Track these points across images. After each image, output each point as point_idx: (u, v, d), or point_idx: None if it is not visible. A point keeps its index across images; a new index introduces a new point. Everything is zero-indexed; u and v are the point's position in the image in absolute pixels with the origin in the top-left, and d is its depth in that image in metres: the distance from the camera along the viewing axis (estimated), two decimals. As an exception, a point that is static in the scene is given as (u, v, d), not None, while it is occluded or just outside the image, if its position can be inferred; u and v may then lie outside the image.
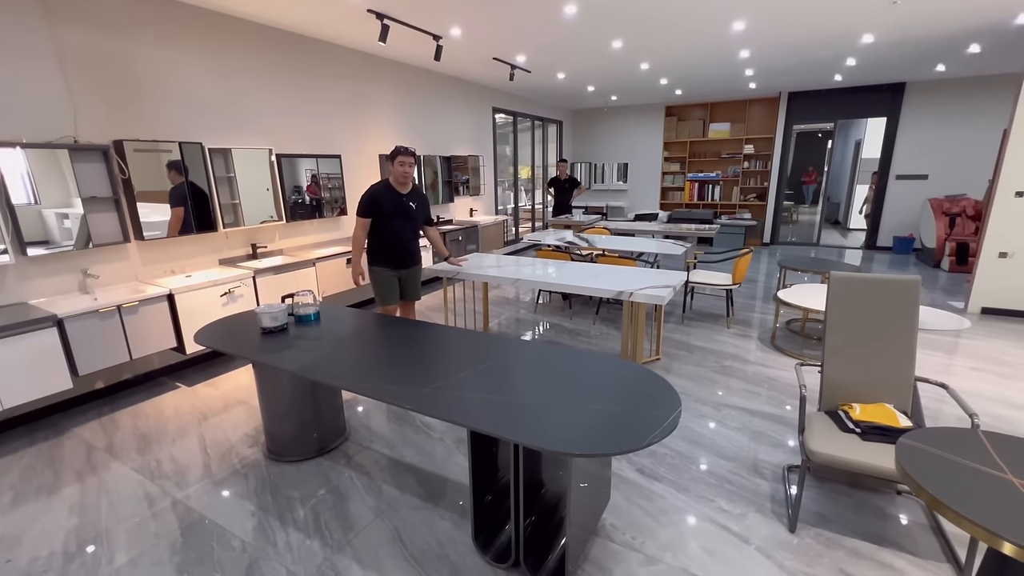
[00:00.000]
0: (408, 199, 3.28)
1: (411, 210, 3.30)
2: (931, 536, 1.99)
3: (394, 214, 3.24)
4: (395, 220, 3.26)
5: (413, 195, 3.32)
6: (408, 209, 3.28)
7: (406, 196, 3.27)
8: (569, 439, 1.50)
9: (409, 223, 3.33)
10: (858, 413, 2.08)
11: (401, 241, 3.34)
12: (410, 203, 3.29)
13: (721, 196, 9.42)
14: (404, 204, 3.26)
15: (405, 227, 3.32)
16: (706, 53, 5.53)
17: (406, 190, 3.28)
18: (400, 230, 3.30)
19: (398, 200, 3.24)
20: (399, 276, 3.44)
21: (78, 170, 3.08)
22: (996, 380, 3.40)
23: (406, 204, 3.26)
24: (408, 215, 3.29)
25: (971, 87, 7.25)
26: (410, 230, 3.37)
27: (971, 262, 6.40)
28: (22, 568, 1.91)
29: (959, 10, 4.13)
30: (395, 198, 3.24)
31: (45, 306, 2.90)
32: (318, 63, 4.72)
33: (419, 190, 3.41)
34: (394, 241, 3.32)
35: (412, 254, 3.46)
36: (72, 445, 2.79)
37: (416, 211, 3.34)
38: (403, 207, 3.26)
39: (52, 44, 2.98)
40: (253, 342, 2.42)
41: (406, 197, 3.27)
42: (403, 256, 3.40)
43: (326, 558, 1.94)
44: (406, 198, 3.27)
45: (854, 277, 2.26)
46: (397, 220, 3.26)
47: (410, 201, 3.29)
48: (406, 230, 3.33)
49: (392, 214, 3.24)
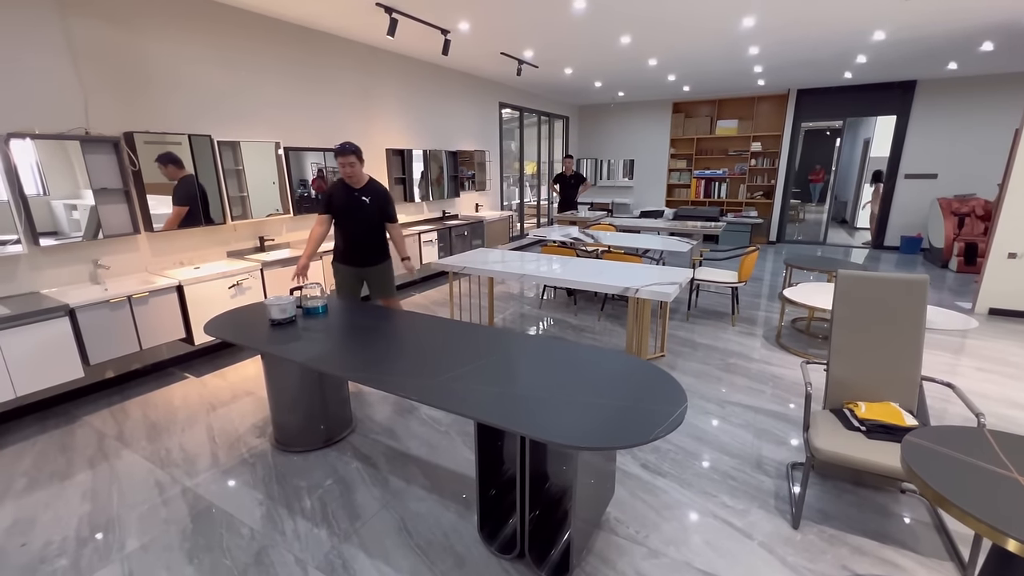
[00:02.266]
0: (361, 195, 3.19)
1: (364, 206, 3.19)
2: (935, 534, 2.00)
3: (345, 211, 3.19)
4: (346, 217, 3.21)
5: (368, 191, 3.21)
6: (360, 205, 3.18)
7: (359, 192, 3.18)
8: (575, 432, 1.51)
9: (361, 220, 3.22)
10: (863, 411, 2.09)
11: (353, 238, 3.27)
12: (363, 198, 3.19)
13: (727, 194, 9.38)
14: (356, 200, 3.18)
15: (356, 224, 3.23)
16: (715, 49, 5.49)
17: (359, 185, 3.19)
18: (351, 227, 3.24)
19: (350, 196, 3.18)
20: (362, 275, 3.37)
21: (89, 161, 3.10)
22: (1002, 381, 3.39)
23: (358, 200, 3.18)
24: (360, 211, 3.19)
25: (983, 86, 7.16)
26: (363, 227, 3.26)
27: (979, 263, 6.35)
28: (36, 552, 1.95)
29: (972, 8, 4.09)
30: (347, 194, 3.18)
31: (57, 296, 2.94)
32: (325, 57, 4.73)
33: (377, 186, 3.27)
34: (347, 238, 3.27)
35: (369, 251, 3.34)
36: (84, 433, 2.83)
37: (370, 207, 3.21)
38: (354, 204, 3.18)
39: (64, 36, 3.00)
40: (262, 333, 2.45)
41: (359, 193, 3.18)
42: (358, 253, 3.32)
43: (333, 546, 1.96)
44: (359, 194, 3.18)
45: (861, 275, 2.25)
46: (348, 217, 3.21)
47: (363, 196, 3.19)
48: (358, 227, 3.24)
49: (343, 211, 3.19)
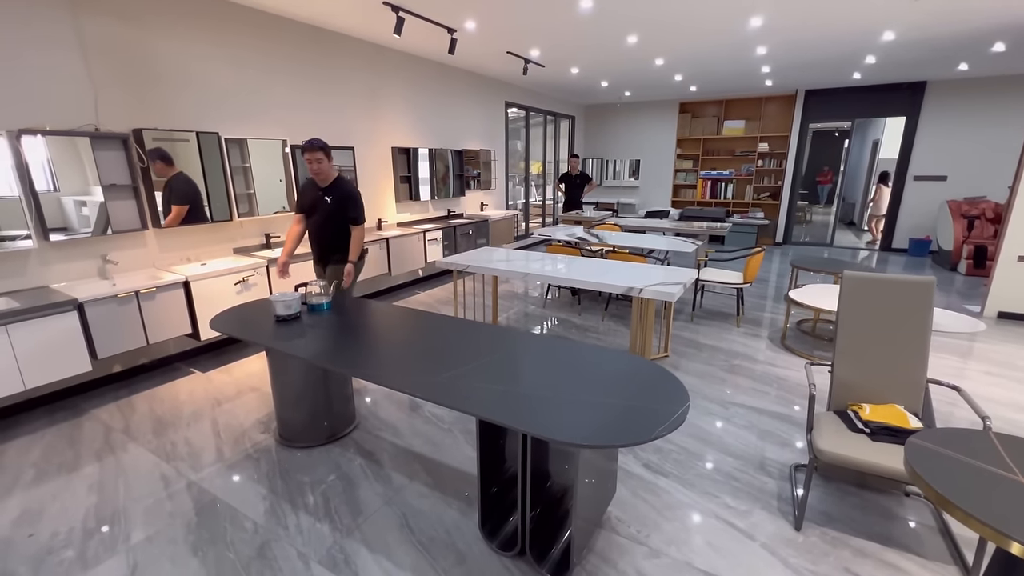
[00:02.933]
0: (324, 194, 3.17)
1: (324, 204, 3.17)
2: (938, 538, 1.99)
3: (310, 209, 3.23)
4: (309, 215, 3.25)
5: (332, 190, 3.18)
6: (322, 204, 3.17)
7: (323, 191, 3.17)
8: (577, 430, 1.51)
9: (322, 218, 3.21)
10: (868, 413, 2.07)
11: (314, 235, 3.32)
12: (324, 197, 3.16)
13: (734, 194, 9.33)
14: (319, 199, 3.17)
15: (315, 222, 3.24)
16: (722, 49, 5.47)
17: (325, 184, 3.17)
18: (313, 225, 3.27)
19: (315, 195, 3.18)
20: (323, 270, 3.41)
21: (99, 158, 3.14)
22: (1010, 385, 3.35)
23: (320, 199, 3.17)
24: (320, 210, 3.19)
25: (995, 87, 7.09)
26: (321, 225, 3.24)
27: (989, 266, 6.29)
28: (44, 542, 1.98)
29: (983, 8, 4.05)
30: (312, 193, 3.19)
31: (66, 290, 2.97)
32: (332, 55, 4.75)
33: (343, 185, 3.22)
34: (311, 235, 3.33)
35: (324, 249, 3.34)
36: (91, 426, 2.86)
37: (329, 206, 3.17)
38: (317, 202, 3.18)
39: (76, 33, 3.04)
40: (267, 329, 2.47)
41: (323, 192, 3.17)
42: (316, 249, 3.38)
43: (335, 541, 1.98)
44: (322, 192, 3.17)
45: (867, 277, 2.24)
46: (310, 215, 3.24)
47: (325, 196, 3.16)
48: (319, 225, 3.25)
49: (308, 209, 3.23)
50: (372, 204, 5.47)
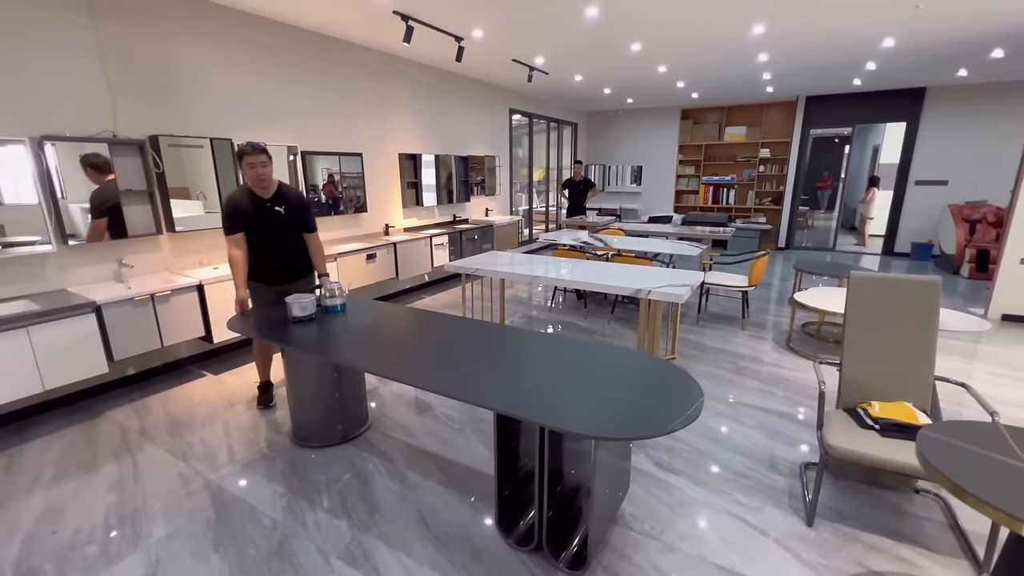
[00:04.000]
0: (273, 205, 2.80)
1: (278, 217, 2.81)
2: (949, 533, 2.01)
3: (258, 226, 2.78)
4: (260, 233, 2.80)
5: (280, 198, 2.82)
6: (274, 216, 2.80)
7: (271, 202, 2.79)
8: (595, 424, 1.55)
9: (278, 232, 2.85)
10: (877, 410, 2.11)
11: (270, 255, 2.87)
12: (276, 209, 2.80)
13: (736, 200, 9.40)
14: (268, 212, 2.79)
15: (272, 239, 2.84)
16: (725, 56, 5.55)
17: (269, 193, 2.79)
18: (267, 243, 2.84)
19: (261, 208, 2.77)
20: (282, 292, 2.87)
21: (116, 164, 3.20)
22: (1015, 385, 3.38)
23: (271, 212, 2.79)
24: (275, 223, 2.81)
25: (994, 93, 7.17)
26: (281, 242, 2.88)
27: (991, 269, 6.33)
28: (67, 539, 2.01)
29: (982, 13, 4.12)
30: (256, 206, 2.76)
31: (83, 293, 3.02)
32: (341, 64, 4.84)
33: (290, 191, 2.89)
34: (263, 255, 2.85)
35: (290, 267, 2.97)
36: (107, 427, 2.90)
37: (286, 218, 2.84)
38: (268, 216, 2.79)
39: (95, 41, 3.11)
40: (283, 331, 2.51)
41: (271, 203, 2.79)
42: (278, 271, 2.93)
43: (354, 537, 2.01)
44: (271, 204, 2.79)
45: (874, 276, 2.28)
46: (262, 232, 2.80)
47: (276, 207, 2.80)
48: (276, 241, 2.86)
49: (255, 226, 2.77)
50: (380, 210, 5.54)
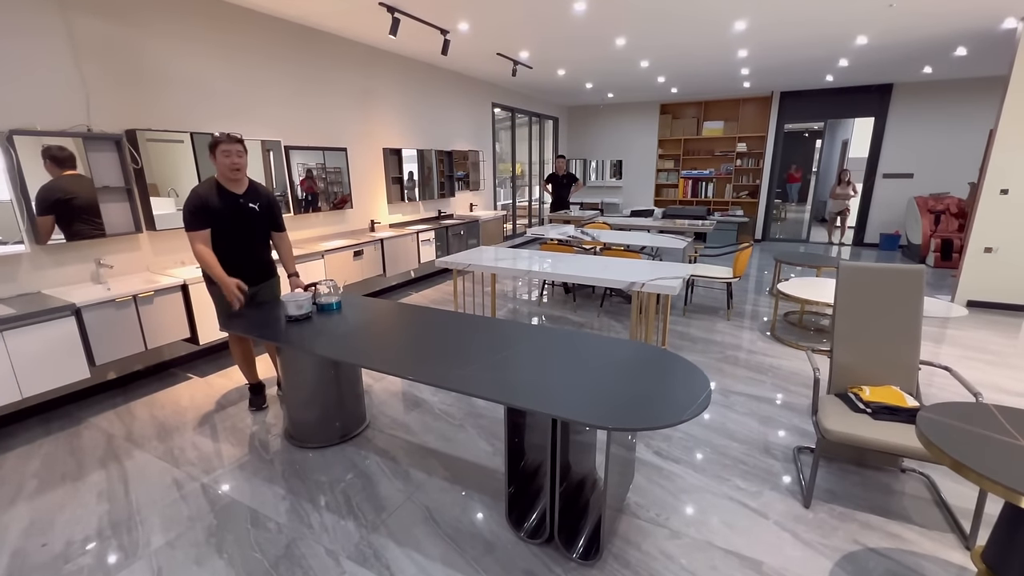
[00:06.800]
0: (248, 201, 2.67)
1: (254, 215, 2.70)
2: (935, 509, 2.12)
3: (230, 220, 2.62)
4: (232, 229, 2.64)
5: (252, 194, 2.70)
6: (249, 214, 2.68)
7: (243, 196, 2.66)
8: (606, 415, 1.57)
9: (252, 229, 2.73)
10: (868, 395, 2.20)
11: (241, 253, 2.72)
12: (250, 206, 2.68)
13: (714, 193, 9.60)
14: (243, 209, 2.65)
15: (246, 235, 2.71)
16: (706, 51, 5.64)
17: (241, 189, 2.66)
18: (240, 241, 2.69)
19: (232, 202, 2.62)
20: (251, 294, 2.75)
21: (91, 159, 3.06)
22: (983, 367, 3.57)
23: (245, 208, 2.65)
24: (249, 219, 2.69)
25: (956, 89, 7.50)
26: (254, 238, 2.76)
27: (955, 258, 6.65)
28: (59, 551, 1.93)
29: (949, 13, 4.30)
30: (228, 202, 2.60)
31: (61, 295, 2.88)
32: (325, 56, 4.72)
33: (262, 189, 2.79)
34: (235, 253, 2.68)
35: (260, 267, 2.84)
36: (90, 434, 2.78)
37: (260, 216, 2.73)
38: (241, 211, 2.64)
39: (65, 32, 2.96)
40: (278, 330, 2.45)
41: (244, 199, 2.66)
42: (249, 269, 2.75)
43: (362, 537, 1.99)
44: (244, 200, 2.66)
45: (862, 266, 2.37)
46: (235, 227, 2.65)
47: (250, 203, 2.68)
48: (248, 239, 2.73)
49: (227, 222, 2.62)
50: (365, 206, 5.45)
